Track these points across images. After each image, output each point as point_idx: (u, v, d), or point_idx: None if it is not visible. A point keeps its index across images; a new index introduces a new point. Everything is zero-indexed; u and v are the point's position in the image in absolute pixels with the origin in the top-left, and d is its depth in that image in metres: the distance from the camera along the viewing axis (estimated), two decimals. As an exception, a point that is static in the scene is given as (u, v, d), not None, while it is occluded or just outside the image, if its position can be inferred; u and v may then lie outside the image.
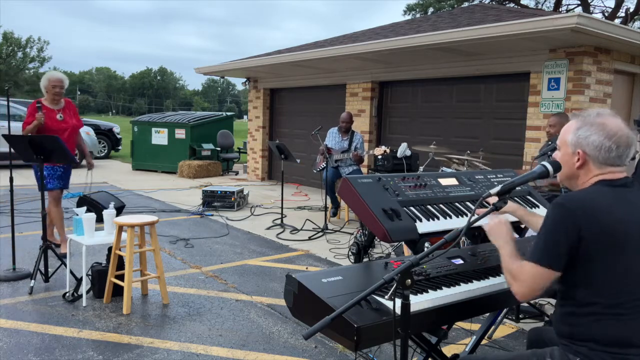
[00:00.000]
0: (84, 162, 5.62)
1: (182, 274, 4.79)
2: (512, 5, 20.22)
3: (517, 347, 3.37)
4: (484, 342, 3.28)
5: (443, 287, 1.86)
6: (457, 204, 2.45)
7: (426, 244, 2.19)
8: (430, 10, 24.52)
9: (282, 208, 7.15)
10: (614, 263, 1.63)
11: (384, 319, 1.59)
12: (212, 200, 8.01)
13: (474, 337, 2.54)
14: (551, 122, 4.83)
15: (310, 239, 6.30)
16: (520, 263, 1.74)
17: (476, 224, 2.05)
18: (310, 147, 10.34)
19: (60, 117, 5.16)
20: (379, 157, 6.97)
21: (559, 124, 4.73)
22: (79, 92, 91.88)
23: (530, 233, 2.63)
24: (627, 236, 1.64)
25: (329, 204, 7.20)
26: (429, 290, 1.82)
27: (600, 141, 1.73)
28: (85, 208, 4.26)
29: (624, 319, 1.63)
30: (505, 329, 3.70)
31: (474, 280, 1.95)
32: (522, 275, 1.70)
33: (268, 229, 6.77)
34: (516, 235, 2.26)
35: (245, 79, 12.37)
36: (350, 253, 5.45)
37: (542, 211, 2.66)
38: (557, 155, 1.87)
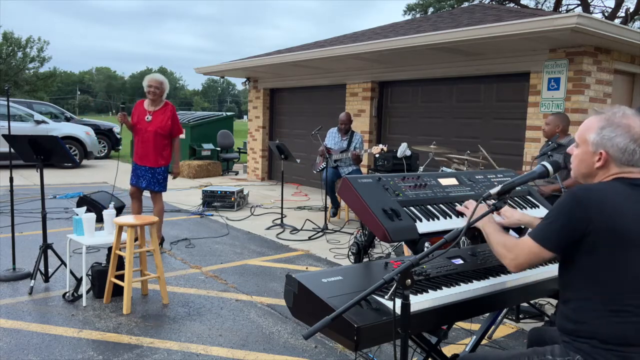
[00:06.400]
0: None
1: (182, 274, 4.79)
2: (512, 5, 20.22)
3: (517, 347, 3.37)
4: (484, 342, 3.28)
5: (443, 287, 1.86)
6: (457, 204, 2.44)
7: (426, 244, 2.19)
8: (430, 10, 24.53)
9: (282, 208, 7.15)
10: (620, 261, 1.63)
11: (384, 319, 1.59)
12: (212, 200, 8.01)
13: (474, 337, 2.54)
14: (547, 121, 4.79)
15: (310, 239, 6.30)
16: (514, 238, 1.82)
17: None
18: (310, 147, 10.34)
19: (148, 118, 5.30)
20: (377, 155, 6.97)
21: (553, 122, 4.73)
22: (79, 92, 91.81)
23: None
24: (638, 237, 1.63)
25: (329, 204, 7.21)
26: (429, 290, 1.82)
27: (626, 144, 1.71)
28: (85, 208, 4.26)
29: (628, 317, 1.63)
30: (505, 329, 3.70)
31: (474, 280, 1.95)
32: (519, 250, 1.77)
33: (268, 229, 6.77)
34: (515, 235, 2.26)
35: (245, 79, 12.37)
36: (350, 253, 5.45)
37: (542, 211, 2.66)
38: (574, 151, 1.84)
